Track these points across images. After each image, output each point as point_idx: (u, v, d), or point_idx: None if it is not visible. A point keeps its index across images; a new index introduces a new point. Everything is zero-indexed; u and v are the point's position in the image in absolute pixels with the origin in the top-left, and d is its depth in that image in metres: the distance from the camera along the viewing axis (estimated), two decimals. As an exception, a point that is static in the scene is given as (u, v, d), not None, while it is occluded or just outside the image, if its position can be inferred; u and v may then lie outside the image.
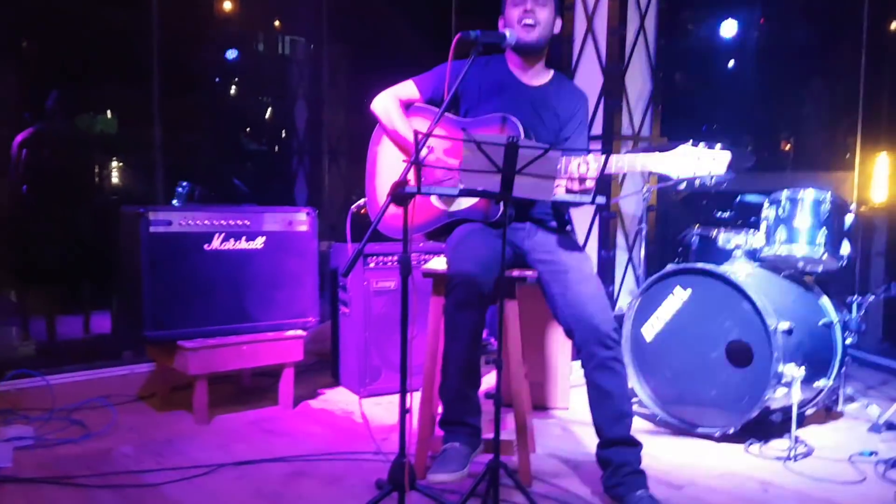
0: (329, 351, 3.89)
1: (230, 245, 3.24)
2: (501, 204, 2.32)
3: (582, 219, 4.60)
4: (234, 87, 7.15)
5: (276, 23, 6.95)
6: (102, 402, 3.33)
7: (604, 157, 2.24)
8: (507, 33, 2.48)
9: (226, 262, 3.24)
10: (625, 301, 4.57)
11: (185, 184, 3.40)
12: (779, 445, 2.92)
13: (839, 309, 3.26)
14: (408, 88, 2.70)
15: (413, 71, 2.74)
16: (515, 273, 2.53)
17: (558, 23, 2.61)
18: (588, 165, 2.28)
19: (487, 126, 2.54)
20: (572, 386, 3.47)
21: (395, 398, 2.16)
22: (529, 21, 2.52)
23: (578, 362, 2.44)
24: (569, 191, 2.32)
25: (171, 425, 3.13)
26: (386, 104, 2.68)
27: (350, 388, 3.66)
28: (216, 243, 3.21)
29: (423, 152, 2.54)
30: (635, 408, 2.99)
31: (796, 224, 3.10)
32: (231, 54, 6.76)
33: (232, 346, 3.17)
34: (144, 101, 4.38)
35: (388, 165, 2.73)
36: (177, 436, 2.99)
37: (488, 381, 3.31)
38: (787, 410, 2.92)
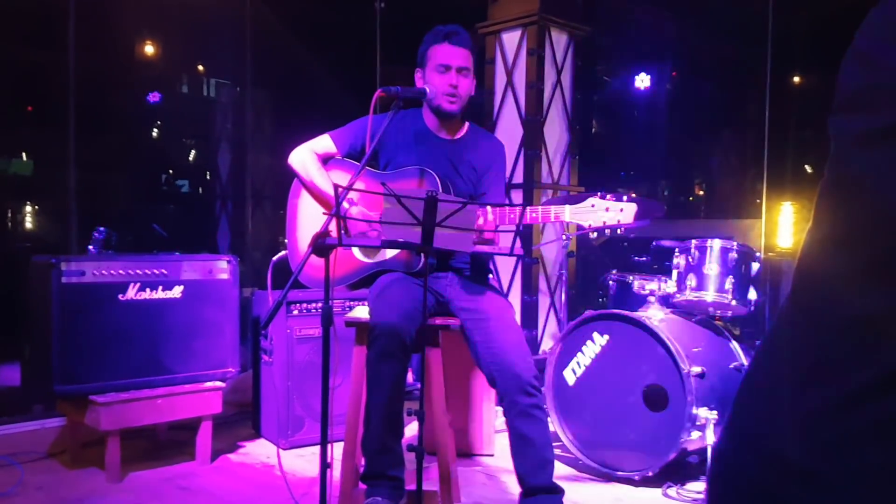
0: (250, 401, 3.80)
1: (146, 295, 3.16)
2: (422, 254, 2.35)
3: (505, 265, 4.68)
4: (156, 129, 7.03)
5: (200, 67, 6.90)
6: (8, 461, 3.17)
7: (519, 208, 2.31)
8: (427, 89, 2.54)
9: (142, 313, 3.15)
10: (548, 344, 4.64)
11: (101, 229, 3.31)
12: (695, 487, 2.99)
13: (749, 352, 3.39)
14: (324, 142, 2.70)
15: (337, 117, 2.75)
16: (438, 321, 2.55)
17: (474, 84, 2.67)
18: (493, 215, 2.35)
19: (406, 179, 2.58)
20: (497, 431, 3.49)
21: (319, 449, 2.14)
22: (454, 95, 2.58)
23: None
24: (479, 241, 2.38)
25: (82, 484, 3.00)
26: (303, 158, 2.68)
27: (271, 440, 3.58)
28: (131, 293, 3.13)
29: (345, 205, 2.56)
30: (557, 452, 3.02)
31: (705, 271, 3.23)
32: (153, 96, 6.66)
33: (146, 399, 3.07)
34: (61, 144, 4.25)
35: (308, 217, 2.73)
36: (88, 495, 2.87)
37: (413, 429, 3.30)
38: (703, 452, 3.01)
